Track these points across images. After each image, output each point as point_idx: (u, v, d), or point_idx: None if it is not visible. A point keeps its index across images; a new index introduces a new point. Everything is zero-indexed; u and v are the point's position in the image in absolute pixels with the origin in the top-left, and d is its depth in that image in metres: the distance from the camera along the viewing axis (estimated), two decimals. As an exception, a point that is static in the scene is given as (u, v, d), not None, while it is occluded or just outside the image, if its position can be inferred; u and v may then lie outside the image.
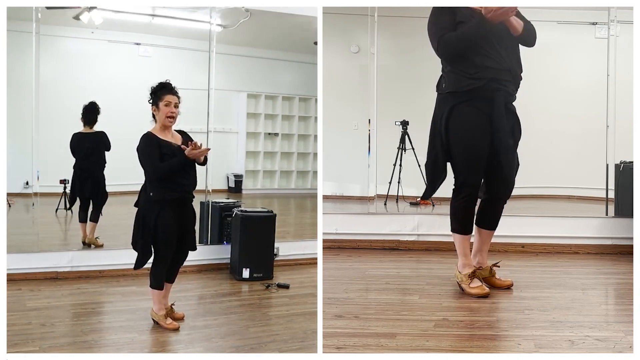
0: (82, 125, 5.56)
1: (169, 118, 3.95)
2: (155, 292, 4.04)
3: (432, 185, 4.17)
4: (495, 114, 3.98)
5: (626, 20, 5.68)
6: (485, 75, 3.93)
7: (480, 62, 3.92)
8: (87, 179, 5.58)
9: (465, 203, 4.10)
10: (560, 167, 6.44)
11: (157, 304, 4.04)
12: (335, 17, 5.92)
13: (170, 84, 4.01)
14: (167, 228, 3.92)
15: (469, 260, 4.18)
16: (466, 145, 4.00)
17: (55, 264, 5.12)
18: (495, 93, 3.97)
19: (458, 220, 4.15)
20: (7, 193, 4.94)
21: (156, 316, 4.03)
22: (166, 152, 3.91)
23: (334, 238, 5.71)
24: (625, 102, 5.55)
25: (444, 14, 3.98)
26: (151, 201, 3.90)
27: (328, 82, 5.62)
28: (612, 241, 5.55)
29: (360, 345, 3.19)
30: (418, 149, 6.33)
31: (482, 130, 3.97)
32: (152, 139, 3.91)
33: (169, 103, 3.94)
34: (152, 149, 3.87)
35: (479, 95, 3.95)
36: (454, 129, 3.99)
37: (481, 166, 4.03)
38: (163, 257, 4.00)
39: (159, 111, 3.96)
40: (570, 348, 3.15)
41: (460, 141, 4.00)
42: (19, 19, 5.14)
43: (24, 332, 3.80)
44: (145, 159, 3.89)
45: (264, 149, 7.45)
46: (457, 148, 4.02)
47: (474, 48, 3.91)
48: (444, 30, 3.95)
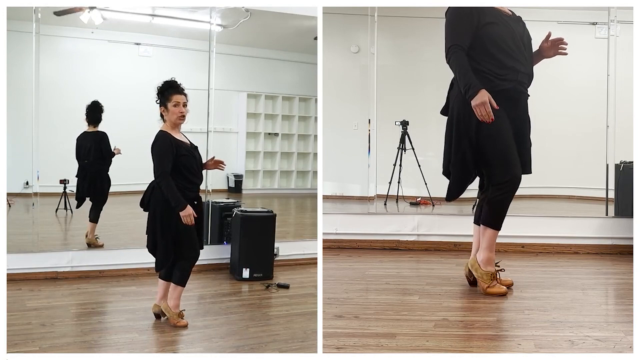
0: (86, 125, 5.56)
1: (180, 118, 3.96)
2: (178, 289, 4.05)
3: (461, 185, 4.14)
4: (519, 117, 4.03)
5: (626, 20, 5.68)
6: (514, 77, 3.96)
7: (512, 65, 3.94)
8: (86, 178, 5.59)
9: (511, 196, 4.06)
10: (560, 167, 6.43)
11: (177, 300, 4.05)
12: (335, 17, 5.91)
13: (177, 83, 4.00)
14: (189, 227, 3.93)
15: (494, 256, 4.14)
16: (502, 142, 3.97)
17: (55, 264, 5.12)
18: (520, 95, 4.03)
19: (500, 215, 4.08)
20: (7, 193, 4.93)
21: (171, 312, 4.03)
22: (184, 152, 3.93)
23: (334, 238, 5.71)
24: (625, 102, 5.55)
25: (464, 17, 3.94)
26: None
27: (328, 82, 5.62)
28: (612, 241, 5.55)
29: (360, 345, 3.19)
30: (418, 149, 6.33)
31: (509, 127, 3.99)
32: (170, 140, 3.89)
33: (177, 103, 3.93)
34: (168, 152, 3.86)
35: (505, 96, 3.95)
36: (486, 127, 3.92)
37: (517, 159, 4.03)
38: (194, 255, 4.06)
39: (168, 112, 3.94)
40: (570, 348, 3.14)
41: (495, 139, 3.96)
42: (19, 19, 5.14)
43: (24, 332, 3.79)
44: (159, 160, 3.88)
45: (264, 149, 7.45)
46: (491, 146, 3.97)
47: (504, 49, 3.92)
48: (461, 38, 3.92)
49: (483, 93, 3.83)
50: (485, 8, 3.96)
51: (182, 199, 3.86)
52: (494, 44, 3.93)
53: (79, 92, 5.87)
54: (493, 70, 3.94)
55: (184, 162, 3.92)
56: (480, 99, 3.83)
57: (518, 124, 4.04)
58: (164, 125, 3.98)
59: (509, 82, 3.95)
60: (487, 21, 3.93)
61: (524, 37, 4.06)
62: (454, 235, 5.54)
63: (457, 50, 3.91)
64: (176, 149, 3.89)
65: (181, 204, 3.86)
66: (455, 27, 3.97)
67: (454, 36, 3.95)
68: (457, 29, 3.95)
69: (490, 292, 4.05)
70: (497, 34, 3.94)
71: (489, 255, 4.12)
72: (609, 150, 5.74)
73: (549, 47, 4.15)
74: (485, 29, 3.93)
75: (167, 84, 3.99)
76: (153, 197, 3.95)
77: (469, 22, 3.93)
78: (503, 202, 4.06)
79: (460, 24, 3.95)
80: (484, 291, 4.07)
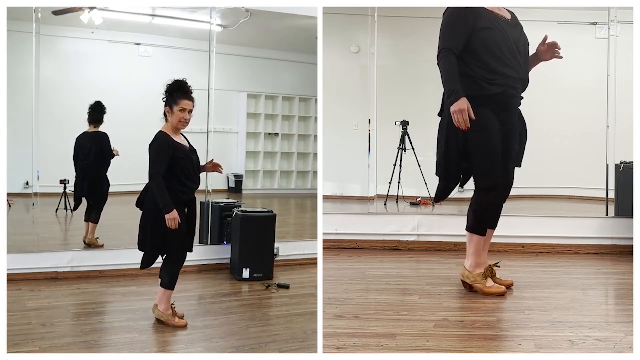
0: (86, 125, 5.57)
1: (183, 124, 3.95)
2: (167, 292, 4.04)
3: (446, 187, 4.16)
4: (509, 119, 4.02)
5: (626, 20, 5.68)
6: (504, 82, 3.95)
7: (502, 70, 3.93)
8: (85, 179, 5.59)
9: (498, 200, 4.09)
10: (560, 167, 6.44)
11: (166, 303, 4.04)
12: (335, 17, 5.91)
13: (187, 86, 3.94)
14: (179, 229, 3.91)
15: (481, 259, 4.15)
16: (490, 146, 3.97)
17: (55, 264, 5.12)
18: (511, 99, 4.03)
19: (484, 219, 4.09)
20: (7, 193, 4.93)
21: (164, 316, 4.02)
22: (181, 155, 3.91)
23: (334, 238, 5.71)
24: (625, 102, 5.55)
25: (460, 20, 3.93)
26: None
27: (328, 82, 5.62)
28: (612, 241, 5.55)
29: (360, 345, 3.19)
30: (418, 149, 6.33)
31: (498, 131, 3.99)
32: (167, 142, 3.88)
33: (184, 109, 3.91)
34: (164, 153, 3.85)
35: (495, 100, 3.96)
36: (473, 131, 3.92)
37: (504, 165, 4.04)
38: (181, 258, 4.05)
39: (172, 114, 3.92)
40: (570, 348, 3.15)
41: (483, 143, 3.97)
42: (19, 19, 5.14)
43: (24, 332, 3.79)
44: (153, 160, 3.87)
45: (264, 149, 7.45)
46: (479, 150, 3.98)
47: (496, 54, 3.92)
48: (453, 41, 3.91)
49: (463, 101, 3.85)
50: (482, 12, 3.95)
51: (169, 202, 3.83)
52: (486, 49, 3.92)
53: (79, 92, 5.88)
54: (483, 76, 3.93)
55: (180, 165, 3.90)
56: (459, 106, 3.85)
57: (508, 126, 4.03)
58: (164, 126, 3.97)
59: (499, 86, 3.94)
60: (483, 26, 3.92)
61: (520, 42, 4.03)
62: (454, 235, 5.53)
63: (448, 53, 3.92)
64: (173, 151, 3.87)
65: (168, 206, 3.83)
66: (450, 30, 3.96)
67: (446, 39, 3.96)
68: (451, 31, 3.95)
69: (488, 292, 4.05)
70: (491, 39, 3.93)
71: (477, 261, 4.13)
72: (609, 150, 5.74)
73: (546, 50, 4.15)
74: (480, 33, 3.92)
75: (177, 85, 3.93)
76: (147, 197, 3.96)
77: (463, 26, 3.92)
78: (487, 208, 4.09)
79: (455, 27, 3.95)
80: (482, 292, 4.07)
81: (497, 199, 4.10)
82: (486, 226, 4.12)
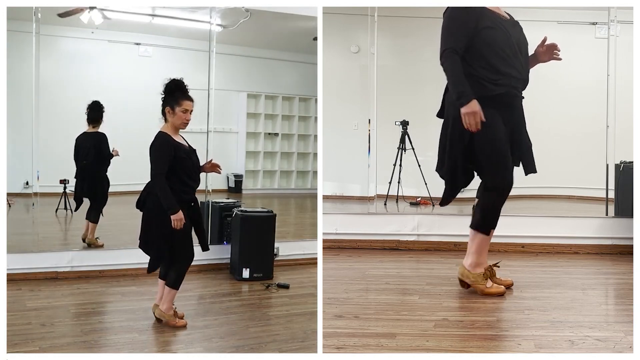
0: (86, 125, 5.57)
1: (185, 124, 3.95)
2: (172, 292, 4.04)
3: (453, 190, 4.14)
4: (513, 120, 4.02)
5: (626, 20, 5.68)
6: (507, 82, 3.94)
7: (505, 71, 3.92)
8: (85, 179, 5.59)
9: (503, 200, 4.07)
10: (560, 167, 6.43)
11: (169, 303, 4.04)
12: (335, 17, 5.91)
13: (184, 84, 3.95)
14: (185, 229, 3.92)
15: (481, 259, 4.14)
16: (496, 147, 3.96)
17: (55, 264, 5.12)
18: (513, 99, 4.02)
19: (490, 219, 4.07)
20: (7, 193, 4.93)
21: (165, 316, 4.02)
22: (182, 155, 3.91)
23: (334, 238, 5.71)
24: (625, 102, 5.55)
25: (462, 20, 3.91)
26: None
27: (328, 82, 5.62)
28: (612, 241, 5.55)
29: (360, 345, 3.19)
30: (418, 149, 6.33)
31: (503, 131, 3.98)
32: (169, 142, 3.88)
33: (186, 110, 3.91)
34: (166, 153, 3.85)
35: (499, 100, 3.95)
36: (481, 133, 3.90)
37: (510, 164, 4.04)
38: (188, 258, 4.06)
39: (174, 114, 3.91)
40: (570, 348, 3.15)
41: (490, 143, 3.95)
42: (19, 19, 5.14)
43: (24, 332, 3.79)
44: (156, 160, 3.87)
45: (264, 149, 7.45)
46: (485, 150, 3.97)
47: (499, 55, 3.91)
48: (456, 41, 3.89)
49: (475, 103, 3.83)
50: (484, 12, 3.93)
51: (174, 202, 3.83)
52: (490, 49, 3.91)
53: (79, 92, 5.88)
54: (487, 76, 3.92)
55: (182, 165, 3.91)
56: (471, 108, 3.83)
57: (513, 126, 4.03)
58: (165, 126, 3.97)
59: (502, 87, 3.94)
60: (485, 25, 3.90)
61: (520, 42, 4.03)
62: (454, 235, 5.54)
63: (452, 54, 3.89)
64: (175, 151, 3.87)
65: (173, 206, 3.83)
66: (452, 30, 3.94)
67: (449, 39, 3.92)
68: (454, 31, 3.93)
69: (488, 292, 4.05)
70: (494, 39, 3.92)
71: (477, 260, 4.11)
72: (609, 150, 5.74)
73: (544, 51, 4.15)
74: (483, 33, 3.90)
75: (176, 86, 3.93)
76: (150, 198, 3.94)
77: (466, 26, 3.90)
78: (495, 207, 4.07)
79: (458, 27, 3.92)
80: (482, 293, 4.07)
81: (504, 198, 4.07)
82: (492, 226, 4.10)
